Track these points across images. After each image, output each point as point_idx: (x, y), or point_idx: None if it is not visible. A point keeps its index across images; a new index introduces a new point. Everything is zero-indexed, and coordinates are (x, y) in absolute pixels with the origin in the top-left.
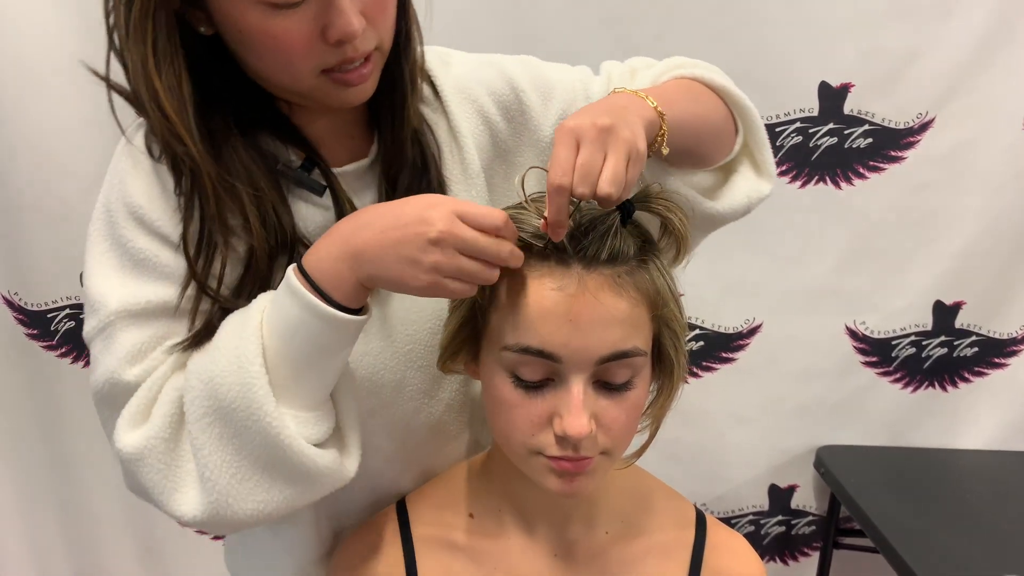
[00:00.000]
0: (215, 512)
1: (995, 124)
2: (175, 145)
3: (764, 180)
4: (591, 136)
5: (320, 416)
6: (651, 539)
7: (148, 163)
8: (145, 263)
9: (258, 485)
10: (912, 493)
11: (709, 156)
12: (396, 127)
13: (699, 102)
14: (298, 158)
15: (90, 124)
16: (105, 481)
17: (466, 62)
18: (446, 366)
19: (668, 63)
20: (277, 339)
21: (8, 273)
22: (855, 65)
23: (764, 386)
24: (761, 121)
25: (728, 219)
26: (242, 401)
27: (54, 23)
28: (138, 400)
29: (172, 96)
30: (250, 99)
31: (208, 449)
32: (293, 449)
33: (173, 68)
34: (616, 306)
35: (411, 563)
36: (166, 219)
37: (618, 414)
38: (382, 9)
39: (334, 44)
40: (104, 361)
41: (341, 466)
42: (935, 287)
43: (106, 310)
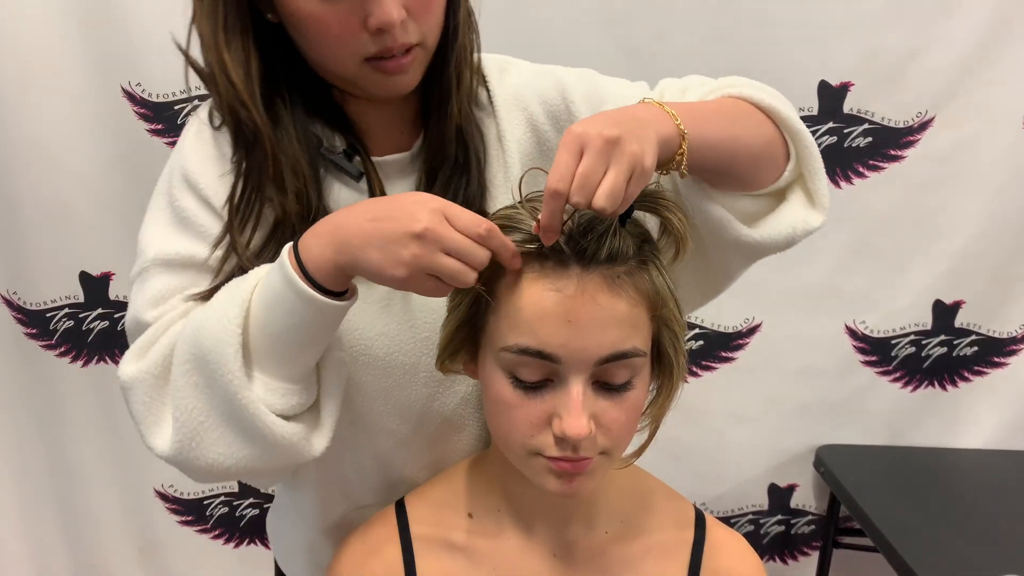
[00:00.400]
0: (179, 452)
1: (995, 123)
2: (239, 110)
3: (816, 212)
4: (596, 146)
5: (293, 390)
6: (650, 539)
7: (207, 133)
8: (186, 221)
9: (221, 438)
10: (912, 492)
11: (750, 180)
12: (440, 122)
13: (739, 123)
14: (343, 144)
15: (90, 124)
16: (104, 480)
17: (524, 71)
18: (444, 366)
19: (722, 81)
20: (261, 307)
21: (7, 272)
22: (855, 64)
23: (764, 385)
24: (816, 148)
25: (768, 249)
26: (215, 355)
27: (54, 24)
28: (145, 337)
29: (239, 67)
30: (309, 87)
31: (184, 393)
32: (250, 411)
33: (242, 44)
34: (615, 306)
35: (410, 563)
36: (212, 185)
37: (617, 414)
38: (426, 6)
39: (374, 32)
40: (134, 301)
41: (305, 441)
42: (935, 286)
43: (144, 257)
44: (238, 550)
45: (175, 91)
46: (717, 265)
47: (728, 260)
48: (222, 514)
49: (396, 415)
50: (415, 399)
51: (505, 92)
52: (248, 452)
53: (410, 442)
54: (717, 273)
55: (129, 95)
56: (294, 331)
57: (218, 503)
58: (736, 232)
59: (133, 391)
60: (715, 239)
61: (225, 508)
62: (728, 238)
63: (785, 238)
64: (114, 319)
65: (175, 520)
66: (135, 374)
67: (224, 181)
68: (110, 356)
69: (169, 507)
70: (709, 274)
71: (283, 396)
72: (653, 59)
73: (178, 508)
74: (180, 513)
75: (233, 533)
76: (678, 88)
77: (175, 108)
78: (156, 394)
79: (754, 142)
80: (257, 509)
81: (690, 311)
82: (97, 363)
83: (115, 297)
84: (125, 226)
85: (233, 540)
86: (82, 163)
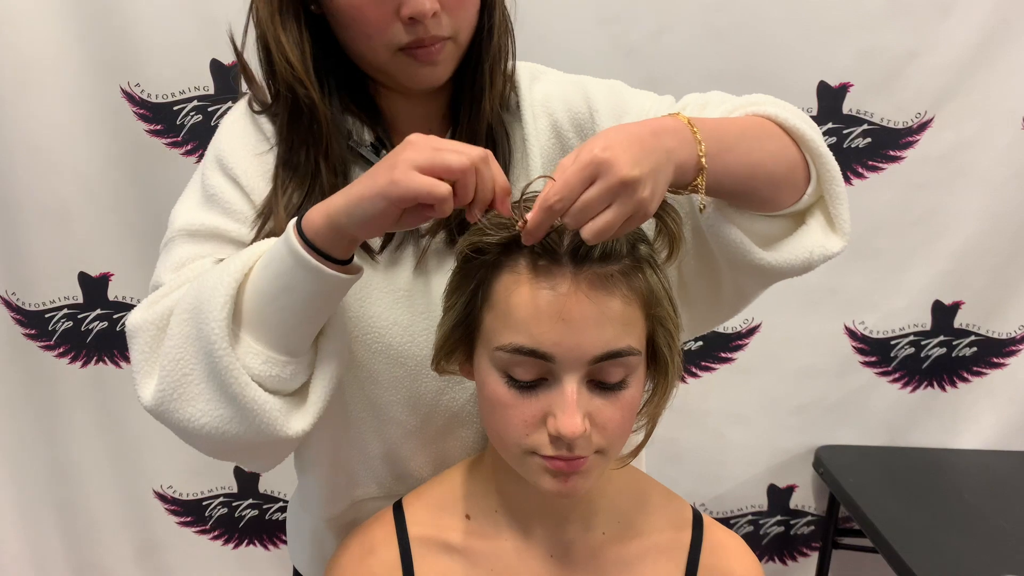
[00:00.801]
0: (160, 403)
1: (994, 123)
2: (296, 87)
3: (836, 237)
4: (610, 183)
5: (276, 360)
6: (648, 540)
7: (245, 121)
8: (213, 199)
9: (200, 394)
10: (911, 493)
11: (768, 201)
12: (472, 120)
13: (762, 145)
14: (371, 138)
15: (89, 125)
16: (103, 481)
17: (554, 79)
18: (440, 367)
19: (747, 99)
20: (259, 269)
21: (6, 273)
22: (854, 65)
23: (763, 386)
24: (839, 172)
25: (784, 273)
26: (206, 304)
27: (53, 24)
28: (159, 291)
29: (295, 48)
30: (347, 78)
31: (174, 342)
32: (225, 364)
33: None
34: (608, 305)
35: (407, 564)
36: (241, 164)
37: (612, 413)
38: (460, 1)
39: (407, 22)
40: (159, 267)
41: (282, 416)
42: (934, 287)
43: (172, 227)
44: (237, 551)
45: (174, 92)
46: (731, 287)
47: (743, 282)
48: (221, 515)
49: (407, 406)
50: (426, 391)
51: (534, 98)
52: (222, 413)
53: (418, 434)
54: (732, 295)
55: (128, 95)
56: (286, 295)
57: (217, 504)
58: (751, 255)
59: (136, 338)
60: (729, 261)
61: (224, 509)
62: (743, 260)
63: (802, 262)
64: (113, 319)
65: (174, 521)
66: (139, 322)
67: (255, 160)
68: (109, 357)
69: (168, 508)
70: (723, 296)
71: (264, 363)
72: (651, 59)
73: (177, 509)
74: (179, 514)
75: (232, 534)
76: (699, 104)
77: (174, 109)
78: (154, 345)
79: (776, 165)
80: (256, 510)
81: (703, 331)
82: (96, 364)
83: (114, 298)
84: (124, 227)
85: (232, 541)
86: (81, 163)
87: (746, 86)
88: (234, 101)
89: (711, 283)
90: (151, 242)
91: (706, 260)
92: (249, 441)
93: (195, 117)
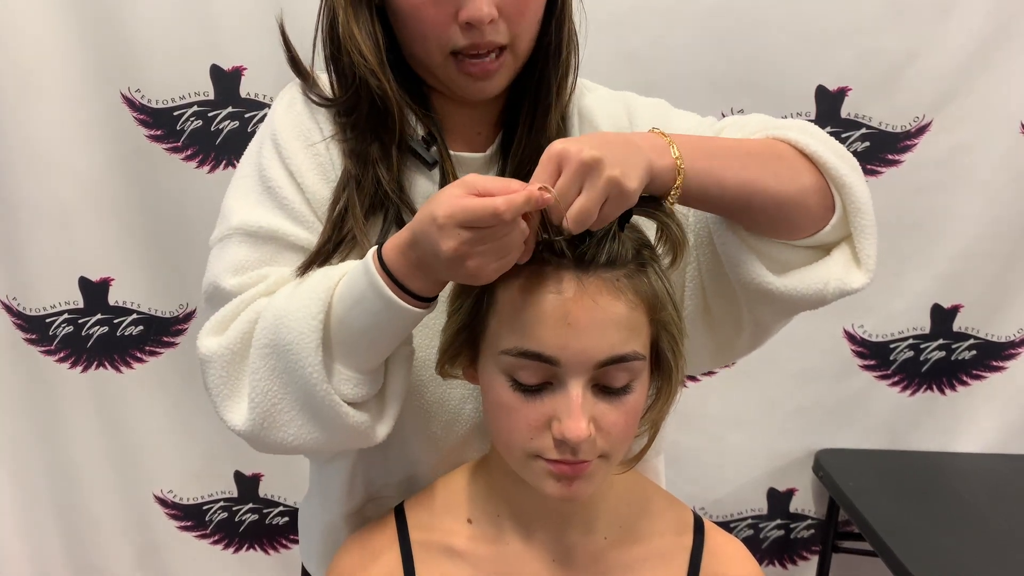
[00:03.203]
0: (254, 429)
1: (992, 127)
2: (370, 79)
3: (858, 272)
4: (571, 167)
5: (365, 380)
6: (649, 544)
7: (300, 107)
8: (271, 191)
9: (293, 420)
10: (911, 496)
11: (776, 226)
12: (535, 131)
13: (765, 165)
14: (423, 131)
15: (90, 130)
16: (103, 486)
17: (601, 95)
18: (444, 370)
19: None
20: (342, 306)
21: (7, 278)
22: (852, 69)
23: (762, 389)
24: (869, 205)
25: (794, 301)
26: (296, 346)
27: (54, 30)
28: (225, 311)
29: (368, 39)
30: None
31: (261, 375)
32: (327, 402)
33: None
34: (614, 309)
35: (409, 569)
36: (297, 156)
37: (617, 418)
38: (521, 10)
39: (464, 26)
40: (213, 266)
41: (371, 429)
42: (933, 290)
43: (228, 224)
44: (237, 555)
45: (174, 97)
46: (748, 314)
47: (757, 310)
48: (221, 519)
49: (430, 411)
50: (450, 397)
51: (581, 111)
52: (318, 435)
53: (439, 441)
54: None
55: (128, 101)
56: (372, 330)
57: (217, 508)
58: (760, 277)
59: (211, 365)
60: (741, 285)
61: (224, 514)
62: (752, 283)
63: (814, 293)
64: (113, 324)
65: (174, 525)
66: (215, 349)
67: (308, 153)
68: (109, 362)
69: (168, 512)
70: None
71: (356, 386)
72: (652, 64)
73: (177, 513)
74: (179, 518)
75: (232, 539)
76: (739, 125)
77: (174, 114)
78: (233, 370)
79: (781, 187)
80: (256, 515)
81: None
82: (96, 369)
83: (114, 302)
84: (125, 231)
85: (232, 546)
86: (82, 168)
87: (745, 91)
88: (235, 107)
89: (734, 310)
90: (152, 247)
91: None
92: (335, 449)
93: (195, 123)
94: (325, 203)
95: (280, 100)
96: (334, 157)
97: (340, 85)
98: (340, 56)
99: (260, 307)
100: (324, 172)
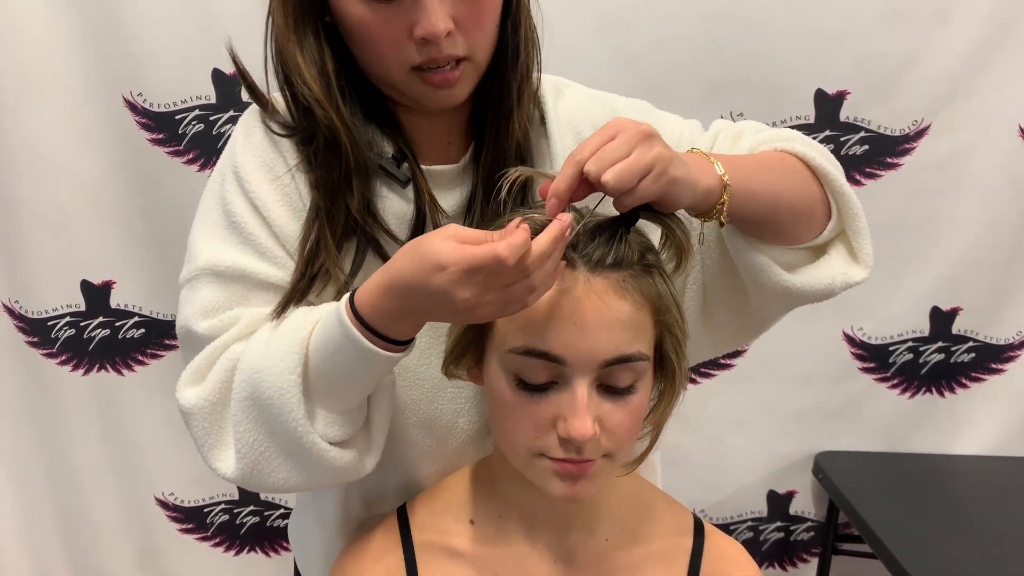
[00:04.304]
0: (244, 476)
1: (991, 130)
2: (316, 109)
3: (858, 267)
4: (629, 132)
5: (348, 419)
6: (650, 546)
7: (260, 136)
8: (236, 227)
9: (281, 466)
10: (910, 499)
11: (788, 234)
12: (500, 138)
13: (784, 179)
14: (392, 149)
15: (91, 134)
16: (105, 488)
17: (579, 96)
18: (450, 371)
19: (775, 132)
20: (318, 355)
21: (8, 281)
22: (851, 72)
23: (762, 392)
24: (861, 208)
25: (807, 296)
26: (277, 401)
27: (56, 33)
28: (200, 359)
29: (313, 67)
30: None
31: (244, 427)
32: (315, 451)
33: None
34: (620, 309)
35: (412, 569)
36: (261, 193)
37: (621, 418)
38: (476, 20)
39: (419, 42)
40: (184, 309)
41: (360, 463)
42: (932, 293)
43: (195, 264)
44: (238, 558)
45: (176, 101)
46: (755, 309)
47: (766, 305)
48: (222, 522)
49: (422, 427)
50: (441, 413)
51: (559, 115)
52: (307, 477)
53: (435, 455)
54: (754, 318)
55: (130, 105)
56: (354, 377)
57: (218, 511)
58: (778, 277)
59: (194, 417)
60: (755, 284)
61: (225, 516)
62: (768, 283)
63: (824, 287)
64: (115, 327)
65: (175, 528)
66: (194, 401)
67: (273, 186)
68: (111, 365)
69: (169, 515)
70: (746, 318)
71: (341, 427)
72: (651, 68)
73: (178, 516)
74: (180, 521)
75: (233, 541)
76: (733, 132)
77: (176, 118)
78: (216, 420)
79: (797, 198)
80: (257, 517)
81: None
82: (98, 371)
83: (116, 305)
84: (126, 235)
85: (233, 548)
86: (83, 172)
87: (744, 94)
88: (236, 110)
89: (737, 305)
90: (153, 250)
91: (733, 283)
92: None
93: (197, 126)
94: (294, 236)
95: (240, 129)
96: (300, 187)
97: (296, 112)
98: (292, 83)
99: (236, 354)
100: (291, 204)
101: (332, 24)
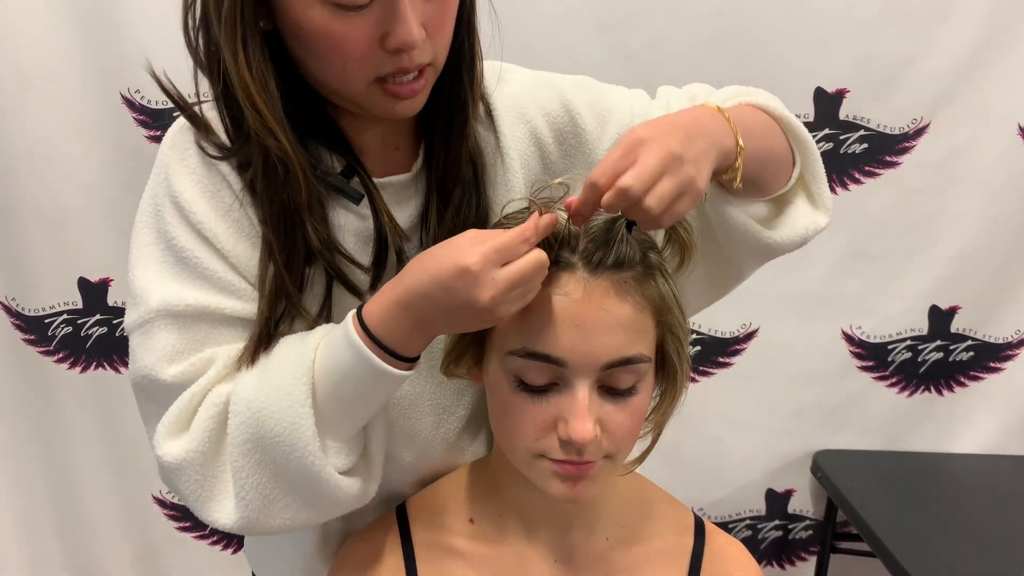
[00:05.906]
0: (246, 524)
1: (990, 129)
2: (266, 138)
3: (820, 213)
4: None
5: (352, 446)
6: (651, 545)
7: (196, 160)
8: (187, 261)
9: (288, 506)
10: (909, 497)
11: (767, 187)
12: (453, 144)
13: (768, 133)
14: (340, 165)
15: (89, 131)
16: (102, 486)
17: (521, 80)
18: (449, 371)
19: (729, 91)
20: (327, 383)
21: (6, 278)
22: (850, 71)
23: (761, 391)
24: (819, 153)
25: (784, 250)
26: (288, 438)
27: (54, 30)
28: (179, 408)
29: (262, 90)
30: (302, 102)
31: (247, 472)
32: (330, 484)
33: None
34: (621, 311)
35: (411, 568)
36: (211, 221)
37: (622, 419)
38: (442, 24)
39: (391, 52)
40: (142, 357)
41: (365, 490)
42: (931, 292)
43: (147, 306)
44: (236, 556)
45: None
46: (730, 266)
47: (742, 260)
48: None
49: (400, 443)
50: (420, 428)
51: (504, 103)
52: (315, 512)
53: (414, 469)
54: (729, 274)
55: (128, 101)
56: (365, 400)
57: None
58: (759, 235)
59: (182, 471)
60: (733, 242)
61: None
62: (749, 240)
63: (800, 237)
64: (113, 325)
65: (173, 526)
66: (181, 455)
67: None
68: (108, 362)
69: (167, 513)
70: (720, 275)
71: (347, 455)
72: (650, 66)
73: (176, 514)
74: (178, 519)
75: (231, 539)
76: (684, 97)
77: (174, 115)
78: (208, 471)
79: (777, 150)
80: None
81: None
82: (95, 369)
83: (114, 303)
84: (124, 232)
85: (231, 546)
86: (81, 169)
87: None
88: None
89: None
90: None
91: (707, 242)
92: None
93: None
94: (253, 264)
95: (171, 152)
96: (251, 214)
97: (233, 131)
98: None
99: (221, 397)
100: (242, 230)
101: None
